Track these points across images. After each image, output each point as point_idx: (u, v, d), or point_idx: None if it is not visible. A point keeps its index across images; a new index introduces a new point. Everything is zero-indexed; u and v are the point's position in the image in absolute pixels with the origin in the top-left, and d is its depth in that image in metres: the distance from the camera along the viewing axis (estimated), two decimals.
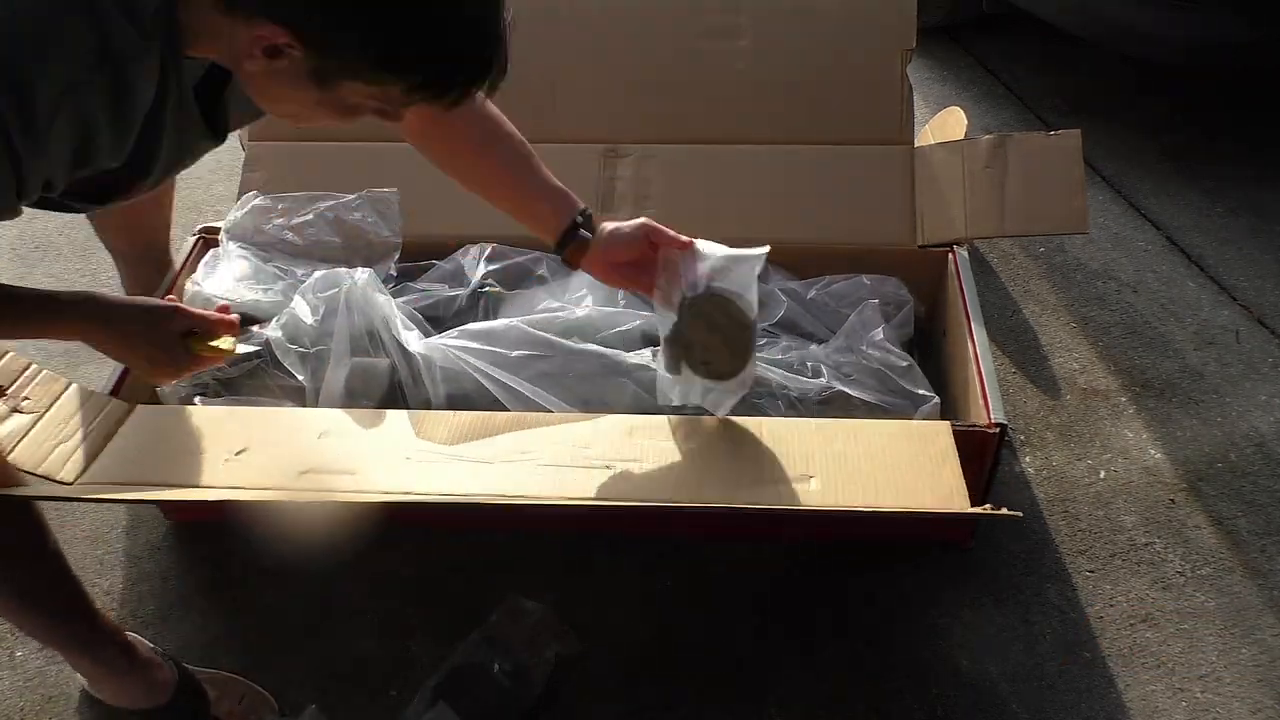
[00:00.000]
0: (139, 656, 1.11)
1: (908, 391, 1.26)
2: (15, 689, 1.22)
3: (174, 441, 1.11)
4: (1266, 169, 2.04)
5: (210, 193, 2.09)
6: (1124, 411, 1.54)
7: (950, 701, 1.17)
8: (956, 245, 1.41)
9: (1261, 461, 1.44)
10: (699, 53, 1.52)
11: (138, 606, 1.31)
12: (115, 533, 1.39)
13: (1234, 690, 1.17)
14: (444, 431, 1.10)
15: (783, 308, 1.39)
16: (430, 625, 1.26)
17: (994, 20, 2.49)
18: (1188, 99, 2.28)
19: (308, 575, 1.30)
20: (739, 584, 1.31)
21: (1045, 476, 1.44)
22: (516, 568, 1.32)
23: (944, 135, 1.64)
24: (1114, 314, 1.72)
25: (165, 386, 1.27)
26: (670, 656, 1.23)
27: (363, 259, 1.45)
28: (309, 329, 1.26)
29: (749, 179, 1.47)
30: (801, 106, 1.50)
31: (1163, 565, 1.31)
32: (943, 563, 1.32)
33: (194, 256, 1.45)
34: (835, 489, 1.01)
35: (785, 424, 1.11)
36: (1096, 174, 2.05)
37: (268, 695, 1.19)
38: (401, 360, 1.25)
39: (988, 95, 2.36)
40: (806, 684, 1.19)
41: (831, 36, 1.51)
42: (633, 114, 1.52)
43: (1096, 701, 1.17)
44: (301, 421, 1.16)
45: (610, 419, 1.12)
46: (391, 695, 1.20)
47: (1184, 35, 1.89)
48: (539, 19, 1.53)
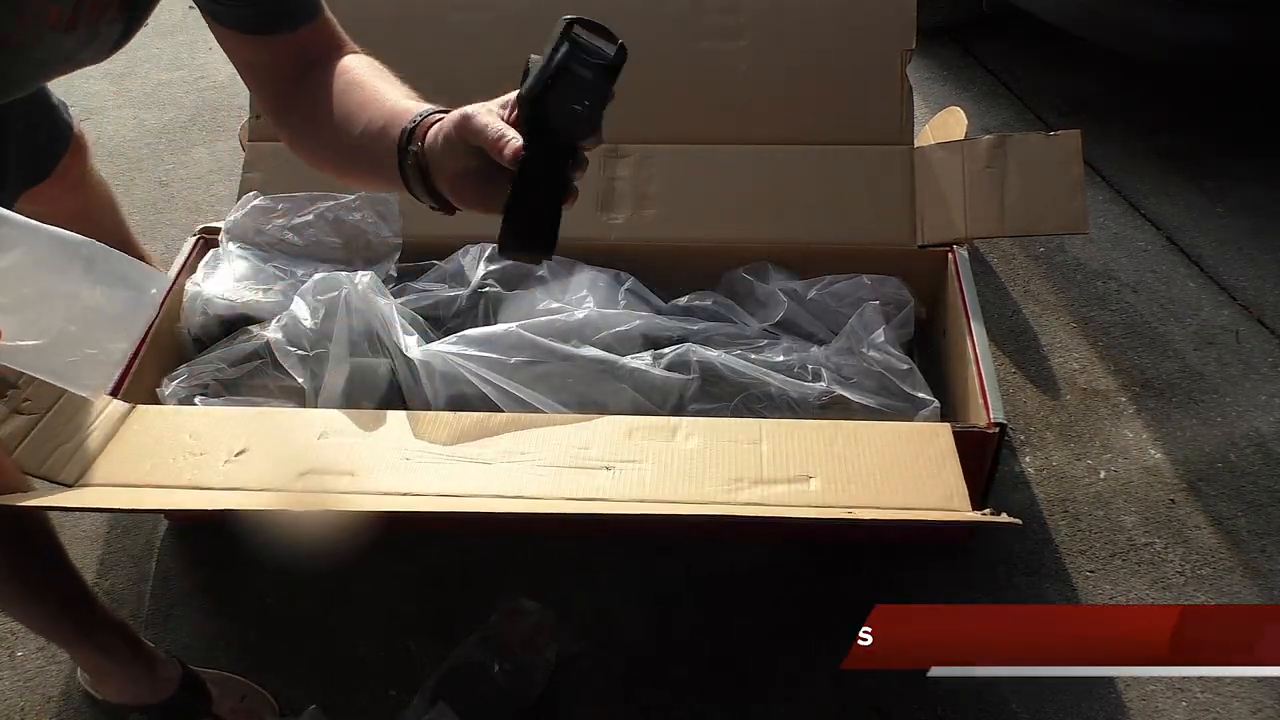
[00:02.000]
0: (142, 645, 1.11)
1: (908, 395, 1.26)
2: (15, 689, 1.22)
3: (174, 442, 1.11)
4: (1266, 169, 2.03)
5: (210, 193, 2.10)
6: (1124, 411, 1.54)
7: (951, 702, 1.17)
8: (956, 245, 1.41)
9: (1261, 461, 1.44)
10: (699, 53, 1.52)
11: (138, 606, 1.31)
12: (115, 533, 1.40)
13: (1234, 690, 1.17)
14: (443, 432, 1.10)
15: (783, 308, 1.39)
16: (430, 625, 1.26)
17: (994, 20, 2.49)
18: (1188, 99, 2.28)
19: (308, 575, 1.30)
20: (739, 584, 1.31)
21: (1045, 476, 1.44)
22: (516, 568, 1.32)
23: (944, 135, 1.63)
24: (1114, 314, 1.72)
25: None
26: (670, 656, 1.23)
27: (363, 260, 1.45)
28: (308, 331, 1.27)
29: (749, 179, 1.47)
30: (801, 107, 1.50)
31: (1163, 565, 1.31)
32: (943, 562, 1.32)
33: (194, 256, 1.45)
34: (835, 489, 1.01)
35: (785, 425, 1.11)
36: (1096, 174, 2.05)
37: (268, 695, 1.19)
38: (401, 363, 1.26)
39: (988, 95, 2.36)
40: (807, 684, 1.20)
41: (831, 37, 1.51)
42: (633, 114, 1.51)
43: (1096, 701, 1.17)
44: (301, 422, 1.16)
45: (610, 420, 1.12)
46: (391, 695, 1.20)
47: (1184, 35, 1.88)
48: (539, 19, 1.53)
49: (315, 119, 0.85)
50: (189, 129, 2.32)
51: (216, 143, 2.26)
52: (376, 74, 0.85)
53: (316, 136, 0.86)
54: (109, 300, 0.81)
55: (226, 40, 0.86)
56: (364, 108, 0.81)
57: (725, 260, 1.46)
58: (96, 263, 0.80)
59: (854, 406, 1.24)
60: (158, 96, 2.48)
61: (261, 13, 0.83)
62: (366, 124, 0.80)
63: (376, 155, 0.78)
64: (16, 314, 0.77)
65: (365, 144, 0.80)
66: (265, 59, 0.86)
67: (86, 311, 0.81)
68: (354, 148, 0.82)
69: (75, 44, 0.78)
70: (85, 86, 2.46)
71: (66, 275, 0.79)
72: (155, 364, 1.31)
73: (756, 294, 1.42)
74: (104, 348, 0.82)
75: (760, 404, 1.26)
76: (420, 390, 1.24)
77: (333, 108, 0.83)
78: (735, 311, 1.41)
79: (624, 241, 1.43)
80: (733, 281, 1.45)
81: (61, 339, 0.80)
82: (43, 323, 0.79)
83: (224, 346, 1.32)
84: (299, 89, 0.86)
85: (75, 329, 0.80)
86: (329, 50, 0.88)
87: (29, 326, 0.78)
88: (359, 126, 0.81)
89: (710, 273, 1.46)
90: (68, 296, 0.80)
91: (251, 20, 0.83)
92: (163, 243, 1.95)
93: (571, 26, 0.64)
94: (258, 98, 0.90)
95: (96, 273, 0.81)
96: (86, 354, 0.81)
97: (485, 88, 1.66)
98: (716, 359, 1.27)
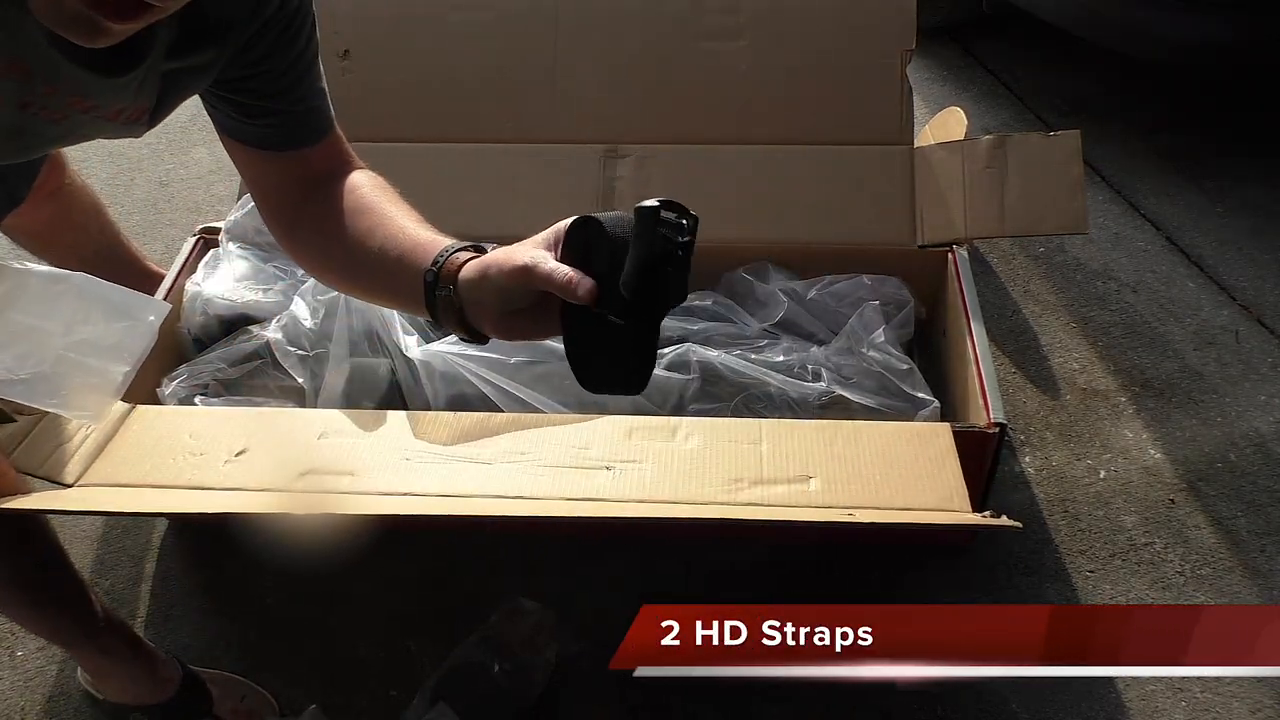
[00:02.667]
0: (143, 646, 1.11)
1: (908, 395, 1.26)
2: (15, 688, 1.22)
3: (174, 442, 1.11)
4: (1266, 169, 2.04)
5: (210, 193, 2.10)
6: (1124, 411, 1.54)
7: (951, 702, 1.17)
8: (956, 245, 1.41)
9: (1261, 461, 1.44)
10: (699, 53, 1.52)
11: (138, 606, 1.31)
12: (115, 533, 1.40)
13: (1234, 690, 1.17)
14: (443, 432, 1.10)
15: (783, 308, 1.39)
16: (430, 625, 1.26)
17: (994, 20, 2.49)
18: (1188, 99, 2.28)
19: (308, 575, 1.30)
20: (739, 584, 1.31)
21: (1045, 476, 1.44)
22: (516, 568, 1.32)
23: (944, 135, 1.63)
24: (1114, 314, 1.72)
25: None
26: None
27: None
28: (308, 331, 1.27)
29: (749, 179, 1.47)
30: (801, 107, 1.50)
31: (1162, 565, 1.31)
32: (943, 562, 1.32)
33: (194, 256, 1.45)
34: (835, 489, 1.01)
35: (785, 425, 1.11)
36: (1096, 174, 2.05)
37: (268, 695, 1.19)
38: (401, 363, 1.26)
39: (987, 95, 2.36)
40: (807, 684, 1.19)
41: (831, 37, 1.51)
42: (633, 114, 1.52)
43: (1096, 702, 1.17)
44: (301, 422, 1.16)
45: (610, 420, 1.12)
46: (391, 695, 1.20)
47: (1184, 35, 1.89)
48: (539, 19, 1.53)
49: (323, 236, 0.84)
50: (189, 129, 2.32)
51: (216, 143, 2.22)
52: (384, 196, 0.85)
53: (326, 255, 0.85)
54: (106, 330, 0.83)
55: (239, 155, 0.85)
56: (373, 233, 0.81)
57: (725, 260, 1.46)
58: (89, 296, 0.82)
59: (854, 406, 1.24)
60: None
61: (283, 132, 0.82)
62: (380, 250, 0.79)
63: (394, 286, 0.78)
64: (8, 350, 0.78)
65: (379, 273, 0.79)
66: (277, 175, 0.85)
67: (82, 343, 0.82)
68: (366, 273, 0.81)
69: (106, 131, 0.77)
70: None
71: (56, 310, 0.81)
72: (155, 364, 1.31)
73: (756, 294, 1.42)
74: (103, 375, 0.83)
75: (760, 404, 1.26)
76: (420, 390, 1.24)
77: (343, 228, 0.82)
78: (735, 311, 1.41)
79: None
80: (733, 281, 1.45)
81: (57, 370, 0.81)
82: (36, 356, 0.80)
83: (224, 346, 1.32)
84: (306, 206, 0.85)
85: (73, 358, 0.82)
86: (338, 166, 0.87)
87: (22, 361, 0.79)
88: (371, 252, 0.80)
89: (710, 273, 1.47)
90: (60, 331, 0.81)
91: (273, 137, 0.82)
92: (163, 243, 1.95)
93: (657, 212, 0.66)
94: (264, 213, 0.89)
95: (90, 305, 0.82)
96: (86, 382, 0.83)
97: (485, 88, 1.67)
98: (716, 359, 1.27)
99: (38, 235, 1.39)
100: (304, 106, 0.82)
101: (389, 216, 0.81)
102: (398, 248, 0.78)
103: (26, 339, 0.80)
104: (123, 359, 0.84)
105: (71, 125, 0.72)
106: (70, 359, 0.82)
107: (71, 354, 0.82)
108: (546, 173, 1.48)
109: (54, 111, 0.70)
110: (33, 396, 0.82)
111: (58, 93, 0.68)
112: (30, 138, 0.73)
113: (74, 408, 0.83)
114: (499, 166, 1.48)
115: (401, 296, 0.78)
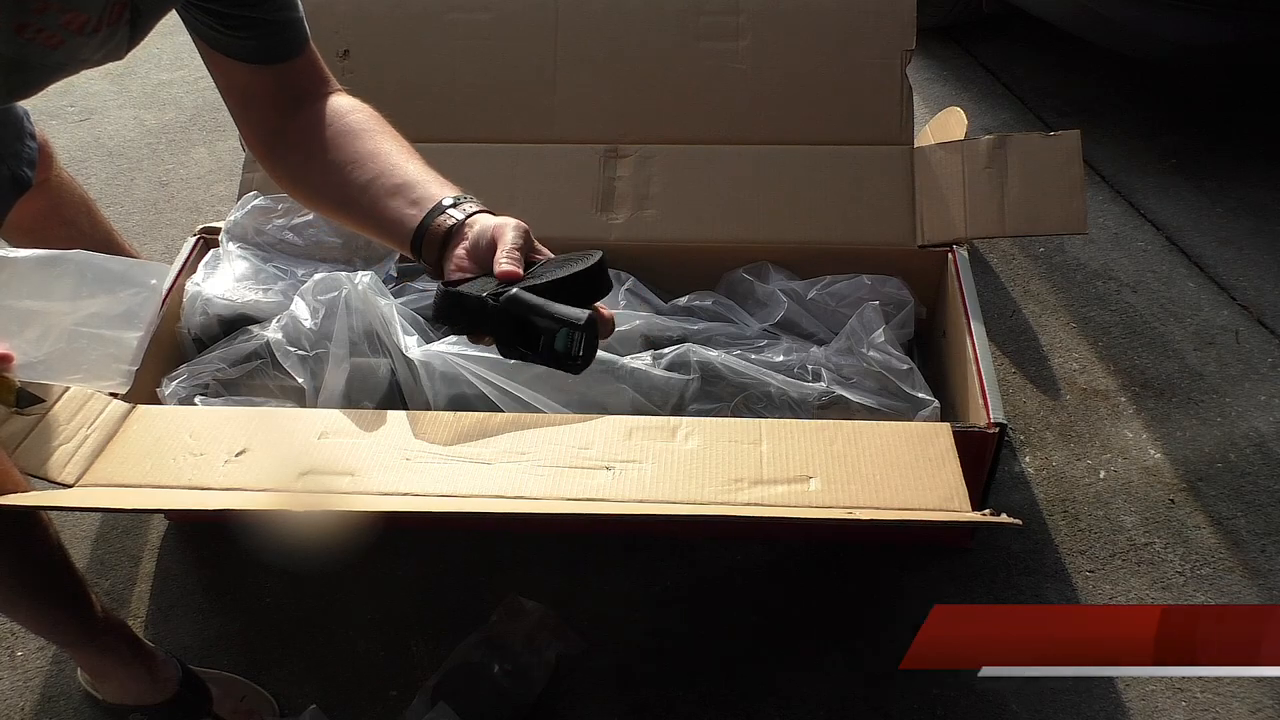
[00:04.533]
0: (143, 646, 1.12)
1: (907, 395, 1.26)
2: (15, 688, 1.22)
3: (174, 442, 1.11)
4: (1266, 169, 2.04)
5: (210, 193, 2.10)
6: (1124, 411, 1.54)
7: (951, 702, 1.17)
8: (956, 245, 1.41)
9: (1261, 461, 1.44)
10: (699, 53, 1.52)
11: (138, 606, 1.31)
12: (115, 533, 1.40)
13: (1234, 690, 1.17)
14: (443, 432, 1.10)
15: (783, 308, 1.39)
16: (430, 625, 1.26)
17: (994, 20, 2.49)
18: (1188, 99, 2.28)
19: (308, 575, 1.30)
20: (739, 584, 1.31)
21: (1045, 476, 1.44)
22: (516, 568, 1.32)
23: (944, 135, 1.63)
24: (1114, 314, 1.72)
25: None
26: (670, 656, 1.23)
27: (363, 259, 1.45)
28: (308, 331, 1.27)
29: (749, 179, 1.47)
30: (801, 107, 1.50)
31: (1162, 565, 1.31)
32: (943, 563, 1.32)
33: (194, 257, 1.45)
34: (835, 489, 1.01)
35: (785, 424, 1.11)
36: (1096, 174, 2.05)
37: (268, 695, 1.19)
38: (401, 363, 1.26)
39: (987, 95, 2.36)
40: (807, 684, 1.20)
41: (831, 36, 1.51)
42: (633, 114, 1.52)
43: (1096, 702, 1.17)
44: (301, 422, 1.16)
45: (610, 420, 1.12)
46: (391, 695, 1.20)
47: (1184, 35, 1.89)
48: (539, 19, 1.53)
49: (309, 157, 0.86)
50: (189, 129, 2.33)
51: (216, 143, 2.26)
52: (378, 124, 0.88)
53: (310, 177, 0.88)
54: (112, 300, 0.84)
55: (220, 68, 0.86)
56: (369, 161, 0.84)
57: (725, 260, 1.46)
58: (88, 271, 0.83)
59: (854, 406, 1.24)
60: (158, 96, 2.48)
61: (263, 45, 0.84)
62: (374, 179, 0.83)
63: (383, 217, 0.83)
64: (18, 336, 0.80)
65: (368, 200, 0.83)
66: (259, 89, 0.86)
67: (92, 317, 0.84)
68: (354, 198, 0.84)
69: (94, 48, 0.78)
70: (86, 86, 2.46)
71: (55, 290, 0.82)
72: (155, 364, 1.31)
73: (756, 294, 1.43)
74: (119, 344, 0.85)
75: (760, 404, 1.26)
76: (420, 390, 1.24)
77: (328, 150, 0.85)
78: (735, 312, 1.42)
79: (624, 241, 1.43)
80: (733, 281, 1.45)
81: (74, 346, 0.83)
82: (51, 336, 0.82)
83: (224, 346, 1.32)
84: (291, 123, 0.87)
85: (87, 331, 0.83)
86: (318, 84, 0.89)
87: (38, 344, 0.82)
88: (364, 177, 0.83)
89: (710, 273, 1.47)
90: (67, 309, 0.83)
91: (254, 50, 0.84)
92: (163, 243, 1.95)
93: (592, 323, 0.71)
94: (248, 134, 0.90)
95: (90, 280, 0.84)
96: (105, 353, 0.84)
97: (485, 87, 1.67)
98: (716, 359, 1.27)
99: (30, 231, 1.39)
100: (282, 17, 0.84)
101: (383, 152, 0.85)
102: (394, 184, 0.83)
103: (35, 322, 0.82)
104: (135, 325, 0.85)
105: (69, 51, 0.75)
106: (84, 333, 0.84)
107: (84, 328, 0.84)
108: (546, 173, 1.48)
109: (51, 35, 0.72)
110: (56, 374, 0.84)
111: (49, 9, 0.70)
112: (31, 71, 0.76)
113: (97, 379, 0.85)
114: (499, 166, 1.48)
115: (383, 228, 0.83)
